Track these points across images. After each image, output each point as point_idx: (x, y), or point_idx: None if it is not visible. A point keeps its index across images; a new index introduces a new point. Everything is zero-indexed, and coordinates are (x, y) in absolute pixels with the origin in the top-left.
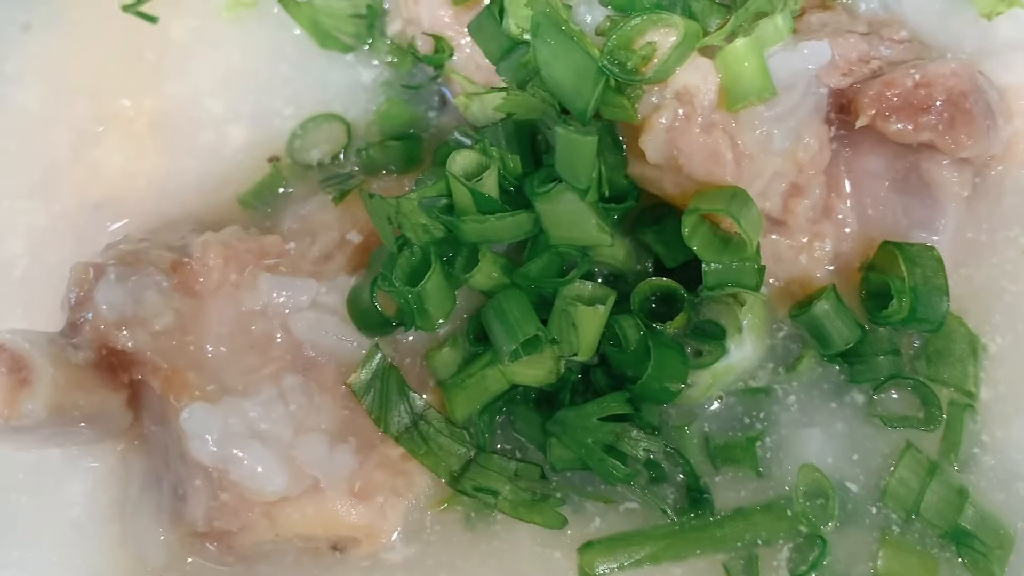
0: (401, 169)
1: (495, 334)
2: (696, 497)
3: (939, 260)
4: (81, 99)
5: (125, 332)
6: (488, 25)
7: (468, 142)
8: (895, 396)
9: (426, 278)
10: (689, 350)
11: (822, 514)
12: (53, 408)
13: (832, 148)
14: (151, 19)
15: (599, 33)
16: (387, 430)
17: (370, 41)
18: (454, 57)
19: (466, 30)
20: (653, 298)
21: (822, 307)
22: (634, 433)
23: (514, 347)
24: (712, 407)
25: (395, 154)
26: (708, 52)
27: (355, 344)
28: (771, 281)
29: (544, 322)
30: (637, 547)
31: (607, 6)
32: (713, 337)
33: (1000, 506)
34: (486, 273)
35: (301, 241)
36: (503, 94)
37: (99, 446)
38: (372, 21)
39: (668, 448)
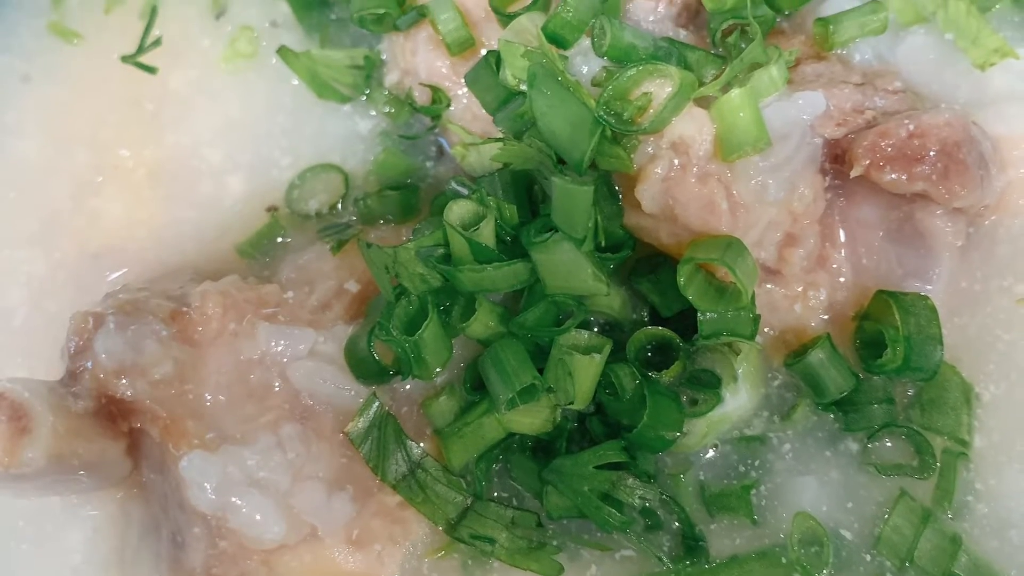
0: (398, 219)
1: (492, 383)
2: (691, 545)
3: (933, 309)
4: (80, 149)
5: (124, 381)
6: (485, 76)
7: (465, 192)
8: (889, 444)
9: (423, 327)
10: (684, 399)
11: (817, 562)
12: (53, 456)
13: (827, 198)
14: (150, 70)
15: (595, 84)
16: (384, 478)
17: (368, 92)
18: (451, 107)
19: (463, 81)
20: (649, 347)
21: (817, 356)
22: (630, 481)
23: (511, 396)
24: (707, 455)
25: (392, 204)
26: (703, 102)
27: (353, 393)
28: (766, 330)
29: (540, 371)
30: None
31: (603, 57)
32: (708, 386)
33: (993, 554)
34: (483, 322)
35: (299, 290)
36: (500, 144)
37: (98, 494)
38: (369, 72)
39: (663, 496)
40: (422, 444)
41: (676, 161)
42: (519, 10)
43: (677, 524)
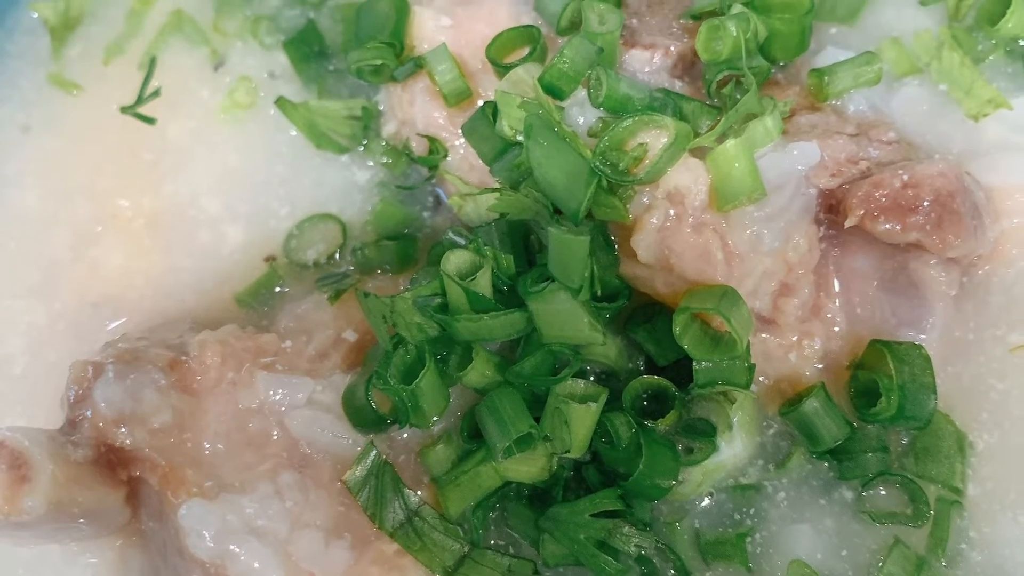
0: (396, 268)
1: (489, 431)
2: None
3: (927, 359)
4: (80, 199)
5: (123, 429)
6: (481, 127)
7: (462, 242)
8: (883, 492)
9: (420, 376)
10: (680, 447)
11: None
12: (52, 504)
13: (821, 248)
14: (149, 120)
15: (591, 134)
16: (382, 526)
17: (365, 142)
18: (448, 158)
19: (460, 131)
20: (645, 396)
21: (811, 405)
22: (626, 529)
23: (507, 444)
24: (703, 503)
25: (390, 253)
26: (699, 153)
27: (350, 441)
28: (761, 379)
29: (537, 419)
30: None
31: (599, 107)
32: (704, 434)
33: None
34: (480, 371)
35: (297, 340)
36: (496, 194)
37: (98, 542)
38: (367, 123)
39: (659, 544)
40: (419, 492)
41: (672, 211)
42: (515, 61)
43: (673, 572)
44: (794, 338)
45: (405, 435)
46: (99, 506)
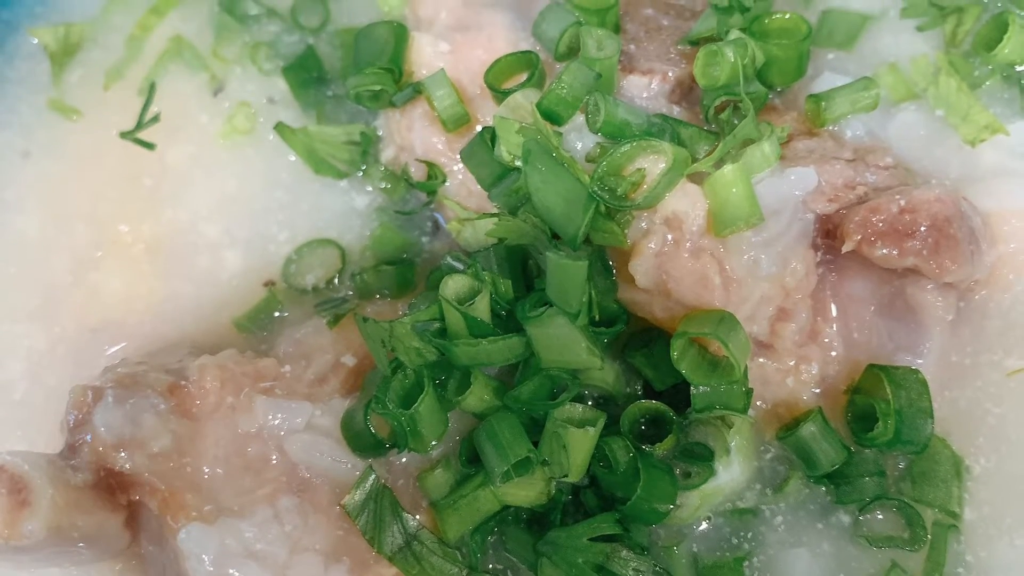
0: (395, 293)
1: (487, 456)
2: None
3: (924, 383)
4: (80, 225)
5: (123, 454)
6: (480, 152)
7: (460, 267)
8: (880, 516)
9: (419, 401)
10: (678, 471)
11: None
12: (52, 529)
13: (819, 273)
14: (148, 146)
15: (589, 160)
16: (381, 550)
17: (364, 167)
18: (446, 183)
19: (458, 157)
20: (642, 420)
21: (808, 429)
22: (624, 553)
23: (506, 468)
24: (700, 527)
25: (389, 278)
26: (697, 178)
27: (349, 466)
28: (758, 404)
29: (535, 444)
30: None
31: (597, 133)
32: (701, 459)
33: None
34: (478, 396)
35: (296, 364)
36: (495, 219)
37: (97, 566)
38: (366, 148)
39: (657, 568)
40: (418, 516)
41: (669, 236)
42: (514, 86)
43: None
44: (791, 363)
45: (404, 459)
46: (99, 530)
